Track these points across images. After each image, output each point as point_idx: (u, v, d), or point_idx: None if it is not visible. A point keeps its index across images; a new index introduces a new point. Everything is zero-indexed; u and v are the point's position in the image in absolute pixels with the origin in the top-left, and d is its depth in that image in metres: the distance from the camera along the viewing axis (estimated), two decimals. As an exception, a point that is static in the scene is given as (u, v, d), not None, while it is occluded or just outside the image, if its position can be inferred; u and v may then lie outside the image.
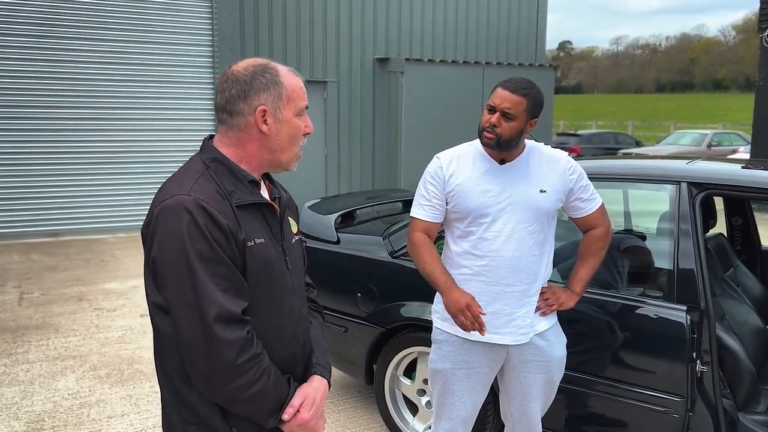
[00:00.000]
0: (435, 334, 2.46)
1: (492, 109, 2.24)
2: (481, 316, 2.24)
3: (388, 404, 3.41)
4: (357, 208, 4.06)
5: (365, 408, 3.81)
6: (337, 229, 3.70)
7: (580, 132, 21.96)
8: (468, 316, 2.20)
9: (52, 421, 3.57)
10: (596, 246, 2.45)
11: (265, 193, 1.60)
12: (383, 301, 3.32)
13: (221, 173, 1.48)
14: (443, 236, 2.48)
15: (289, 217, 1.69)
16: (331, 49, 10.10)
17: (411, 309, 3.21)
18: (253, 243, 1.46)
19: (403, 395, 3.40)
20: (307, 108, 1.58)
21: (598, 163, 3.43)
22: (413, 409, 3.38)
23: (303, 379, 1.63)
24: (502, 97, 2.21)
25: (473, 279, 2.32)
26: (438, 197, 2.33)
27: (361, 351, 3.47)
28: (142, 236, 1.45)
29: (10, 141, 8.35)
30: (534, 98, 2.23)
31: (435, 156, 2.41)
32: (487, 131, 2.23)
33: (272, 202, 1.58)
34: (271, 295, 1.53)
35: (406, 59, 10.03)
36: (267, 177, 1.67)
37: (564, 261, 3.09)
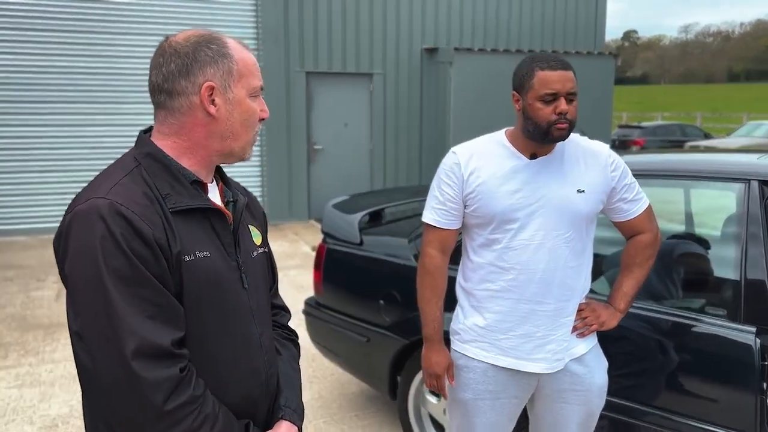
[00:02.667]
0: (454, 358, 2.13)
1: (552, 98, 1.85)
2: (508, 339, 1.99)
3: (411, 424, 3.10)
4: (385, 207, 3.76)
5: (391, 424, 3.52)
6: (361, 230, 3.42)
7: (644, 124, 20.97)
8: (434, 385, 2.11)
9: (65, 426, 3.44)
10: (642, 255, 2.08)
11: (215, 195, 1.32)
12: (408, 310, 3.02)
13: (155, 172, 1.21)
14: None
15: (250, 226, 1.40)
16: (377, 39, 9.81)
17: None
18: (192, 257, 1.19)
19: (429, 414, 3.09)
20: (262, 89, 1.30)
21: (655, 157, 3.02)
22: (440, 430, 3.07)
23: (267, 425, 1.36)
24: (561, 79, 1.85)
25: (498, 296, 1.99)
26: (453, 200, 2.00)
27: (383, 363, 3.18)
28: (54, 250, 1.19)
29: (62, 136, 8.44)
30: (575, 70, 1.93)
31: (450, 150, 2.08)
32: (560, 122, 1.85)
33: (222, 207, 1.30)
34: (220, 320, 1.25)
35: (455, 49, 9.63)
36: (221, 177, 1.39)
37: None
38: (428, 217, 2.07)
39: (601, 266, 2.81)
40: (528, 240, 1.93)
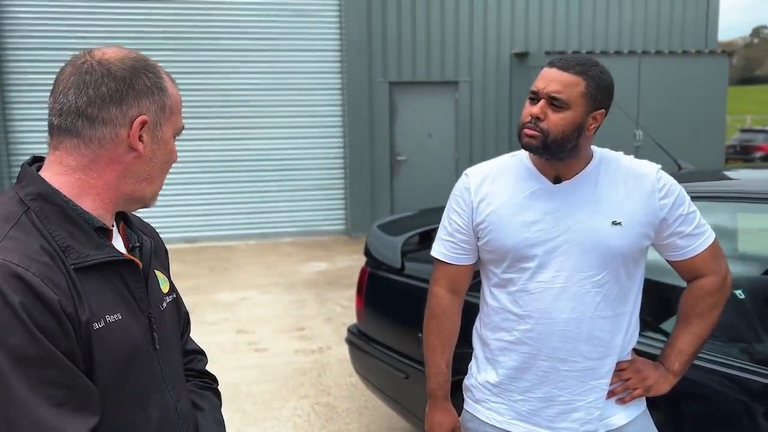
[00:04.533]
0: (464, 420, 1.80)
1: (534, 97, 1.56)
2: (525, 401, 1.64)
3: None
4: (437, 227, 3.43)
5: (437, 468, 3.18)
6: (404, 254, 3.12)
7: (770, 127, 19.08)
8: None
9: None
10: (704, 303, 1.65)
11: (119, 242, 1.10)
12: (448, 347, 2.69)
13: (50, 217, 0.99)
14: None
15: (156, 271, 1.17)
16: (463, 46, 9.46)
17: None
18: (102, 323, 0.98)
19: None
20: (182, 130, 1.13)
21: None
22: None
23: None
24: (548, 77, 1.53)
25: (513, 349, 1.65)
26: (463, 231, 1.69)
27: (423, 405, 2.86)
28: None
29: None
30: (597, 79, 1.52)
31: (464, 172, 1.76)
32: (528, 127, 1.54)
33: (131, 257, 1.07)
34: (137, 394, 1.05)
35: (546, 52, 9.09)
36: (122, 217, 1.16)
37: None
38: (435, 249, 1.79)
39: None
40: (548, 283, 1.58)
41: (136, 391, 1.05)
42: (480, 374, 1.74)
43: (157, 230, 1.29)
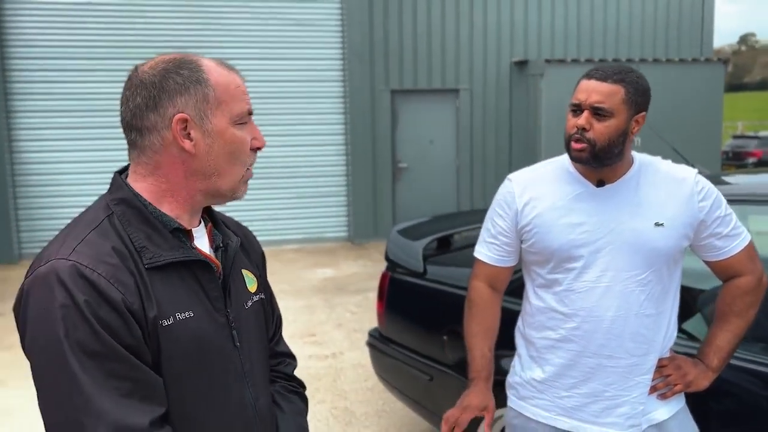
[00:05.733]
0: (509, 417, 1.86)
1: (577, 109, 1.62)
2: (571, 397, 1.71)
3: (477, 473, 2.81)
4: (454, 233, 3.50)
5: (459, 469, 3.23)
6: (426, 258, 3.19)
7: (762, 133, 19.29)
8: (454, 417, 1.77)
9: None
10: (742, 302, 1.72)
11: (203, 241, 1.15)
12: (473, 348, 2.75)
13: (130, 220, 1.06)
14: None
15: (244, 271, 1.22)
16: (464, 54, 9.56)
17: (509, 362, 2.60)
18: (171, 320, 1.03)
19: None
20: (251, 114, 1.11)
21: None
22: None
23: None
24: (589, 89, 1.59)
25: (560, 347, 1.71)
26: (506, 234, 1.76)
27: (447, 405, 2.91)
28: (15, 317, 1.05)
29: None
30: (635, 84, 1.60)
31: (506, 177, 1.83)
32: (575, 140, 1.60)
33: (209, 257, 1.12)
34: (207, 388, 1.09)
35: (546, 60, 9.20)
36: (210, 217, 1.21)
37: None
38: (479, 251, 1.85)
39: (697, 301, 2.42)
40: (593, 282, 1.64)
41: (208, 385, 1.09)
42: (525, 372, 1.80)
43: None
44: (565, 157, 1.75)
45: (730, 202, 2.48)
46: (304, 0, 8.95)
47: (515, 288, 2.01)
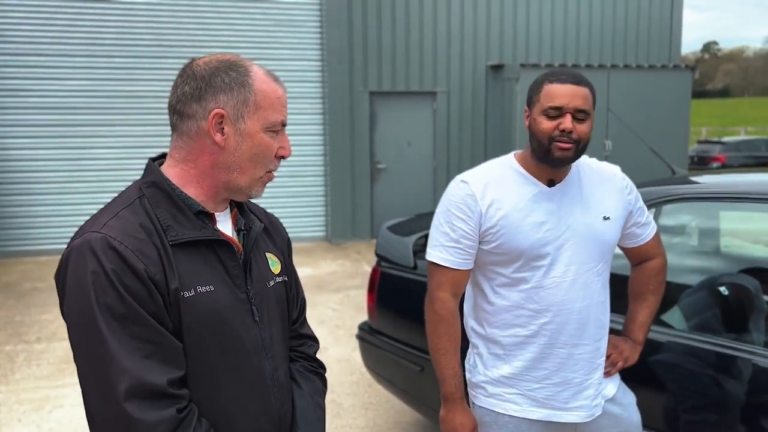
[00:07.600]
0: (479, 415, 1.89)
1: (556, 113, 1.68)
2: (543, 388, 1.80)
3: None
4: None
5: (447, 457, 3.34)
6: (416, 253, 3.29)
7: (725, 139, 19.94)
8: None
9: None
10: (656, 281, 1.96)
11: (226, 225, 1.26)
12: (464, 340, 2.86)
13: (159, 202, 1.17)
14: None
15: (267, 254, 1.33)
16: (441, 58, 9.72)
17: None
18: (192, 292, 1.13)
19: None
20: (284, 125, 1.24)
21: (739, 178, 2.77)
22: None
23: None
24: (569, 93, 1.67)
25: (531, 342, 1.79)
26: (469, 236, 1.76)
27: (437, 395, 3.02)
28: (56, 286, 1.16)
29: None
30: (592, 88, 1.74)
31: (458, 179, 1.83)
32: (562, 140, 1.67)
33: (230, 238, 1.23)
34: (226, 357, 1.19)
35: (521, 65, 9.41)
36: (237, 206, 1.32)
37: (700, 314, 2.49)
38: (438, 256, 1.80)
39: (675, 295, 2.58)
40: (561, 277, 1.75)
41: (226, 354, 1.19)
42: (490, 370, 1.85)
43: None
44: (508, 158, 1.83)
45: (704, 200, 2.65)
46: (283, 1, 9.01)
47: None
